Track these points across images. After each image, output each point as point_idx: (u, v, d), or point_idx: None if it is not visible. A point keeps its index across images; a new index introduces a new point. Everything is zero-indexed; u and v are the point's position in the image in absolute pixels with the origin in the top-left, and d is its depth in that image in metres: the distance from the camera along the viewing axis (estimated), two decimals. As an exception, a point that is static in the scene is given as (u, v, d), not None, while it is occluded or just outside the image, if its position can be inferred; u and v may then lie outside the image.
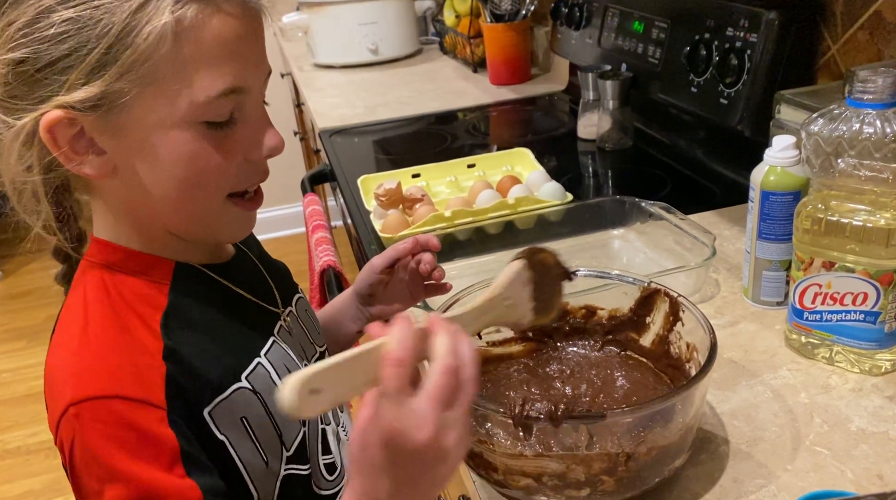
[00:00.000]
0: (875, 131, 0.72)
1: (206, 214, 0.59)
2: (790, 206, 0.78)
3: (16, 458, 2.14)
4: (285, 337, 0.67)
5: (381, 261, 0.80)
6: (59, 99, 0.52)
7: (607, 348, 0.75)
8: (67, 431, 0.53)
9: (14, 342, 2.62)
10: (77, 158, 0.55)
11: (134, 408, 0.53)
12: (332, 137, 1.66)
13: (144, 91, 0.52)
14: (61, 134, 0.53)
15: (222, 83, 0.54)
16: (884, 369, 0.73)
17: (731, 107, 1.11)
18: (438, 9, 2.35)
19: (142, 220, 0.60)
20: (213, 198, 0.59)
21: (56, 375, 0.55)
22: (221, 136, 0.56)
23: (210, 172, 0.57)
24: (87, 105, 0.52)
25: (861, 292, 0.70)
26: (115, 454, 0.52)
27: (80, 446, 0.52)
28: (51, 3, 0.50)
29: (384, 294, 0.81)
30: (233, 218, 0.61)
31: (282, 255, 0.79)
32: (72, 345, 0.56)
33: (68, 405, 0.52)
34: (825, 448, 0.65)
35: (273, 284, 0.70)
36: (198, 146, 0.55)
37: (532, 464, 0.58)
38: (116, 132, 0.54)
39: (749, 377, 0.74)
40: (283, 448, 0.62)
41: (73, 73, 0.51)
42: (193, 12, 0.52)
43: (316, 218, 1.38)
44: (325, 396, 0.43)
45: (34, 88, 0.52)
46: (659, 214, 1.00)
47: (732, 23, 1.10)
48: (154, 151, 0.55)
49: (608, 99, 1.37)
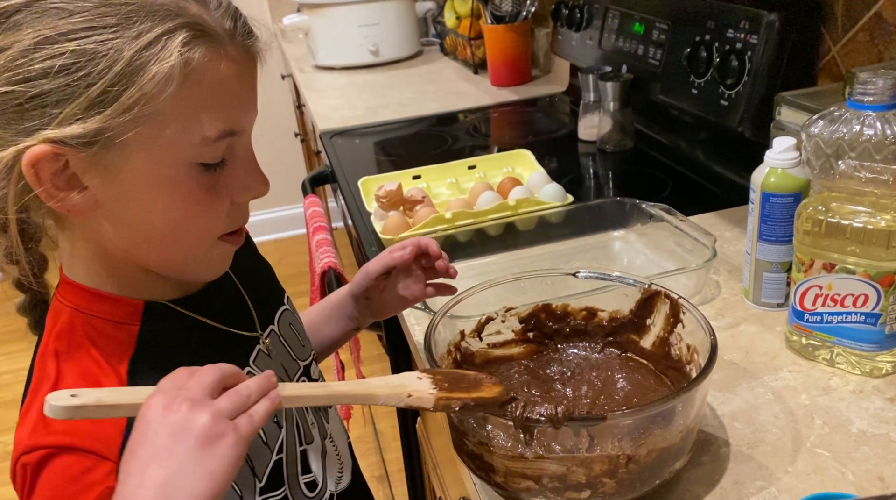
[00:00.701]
0: (875, 133, 0.72)
1: (192, 255, 0.59)
2: (791, 207, 0.78)
3: (17, 459, 2.14)
4: (263, 362, 0.66)
5: (376, 267, 0.79)
6: (48, 133, 0.50)
7: (608, 350, 0.75)
8: (19, 481, 0.53)
9: (14, 344, 2.61)
10: (58, 194, 0.52)
11: (81, 461, 0.52)
12: (333, 138, 1.66)
13: (143, 131, 0.51)
14: (45, 169, 0.51)
15: (220, 125, 0.54)
16: (884, 370, 0.73)
17: (731, 108, 1.11)
18: (439, 10, 2.36)
19: (115, 256, 0.58)
20: (203, 240, 0.58)
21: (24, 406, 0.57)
22: (213, 179, 0.55)
23: (201, 215, 0.56)
24: (80, 142, 0.50)
25: (861, 294, 0.70)
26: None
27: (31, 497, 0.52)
28: (52, 34, 0.49)
29: (379, 298, 0.81)
30: (216, 256, 0.60)
31: (282, 256, 0.79)
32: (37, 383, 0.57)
33: (25, 451, 0.53)
34: (826, 450, 0.65)
35: (252, 304, 0.69)
36: (191, 189, 0.54)
37: (532, 466, 0.58)
38: (105, 170, 0.52)
39: (750, 379, 0.74)
40: (256, 480, 0.61)
41: (67, 107, 0.49)
42: (201, 55, 0.51)
43: (317, 219, 1.38)
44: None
45: (20, 119, 0.50)
46: (659, 216, 1.00)
47: (733, 24, 1.10)
48: (146, 192, 0.54)
49: (609, 100, 1.37)
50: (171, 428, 0.46)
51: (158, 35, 0.50)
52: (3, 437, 2.21)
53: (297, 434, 0.68)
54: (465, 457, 0.63)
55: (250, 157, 0.59)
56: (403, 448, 1.23)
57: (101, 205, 0.54)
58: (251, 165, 0.58)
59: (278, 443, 0.64)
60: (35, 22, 0.49)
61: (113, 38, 0.49)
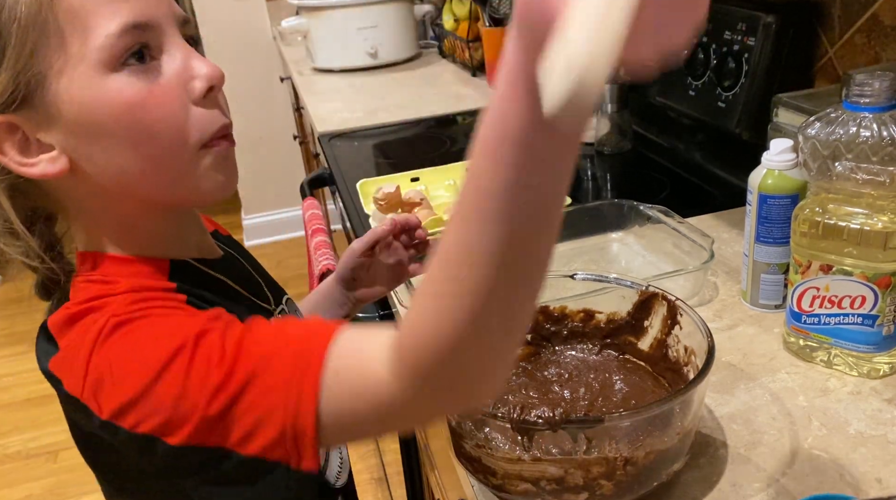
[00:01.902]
0: (872, 135, 0.72)
1: (181, 171, 0.55)
2: (788, 209, 0.78)
3: (16, 462, 2.14)
4: None
5: (360, 244, 0.80)
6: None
7: (606, 352, 0.75)
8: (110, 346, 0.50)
9: (14, 347, 2.61)
10: (28, 162, 0.52)
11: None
12: (332, 140, 1.66)
13: (48, 60, 0.49)
14: (3, 140, 0.51)
15: (119, 19, 0.50)
16: (882, 372, 0.73)
17: (728, 110, 1.11)
18: (437, 13, 2.36)
19: (123, 219, 0.57)
20: (179, 152, 0.54)
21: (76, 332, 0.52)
22: (148, 80, 0.52)
23: (157, 123, 0.52)
24: (8, 102, 0.49)
25: (859, 296, 0.70)
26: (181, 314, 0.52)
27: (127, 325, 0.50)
28: None
29: (366, 277, 0.82)
30: (210, 165, 0.56)
31: (281, 258, 0.80)
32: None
33: (106, 320, 0.50)
34: (824, 452, 0.65)
35: (263, 283, 0.70)
36: (129, 93, 0.51)
37: (530, 468, 0.58)
38: (51, 120, 0.51)
39: (747, 381, 0.74)
40: None
41: None
42: None
43: (315, 222, 1.38)
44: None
45: None
46: (657, 218, 1.00)
47: (730, 26, 1.10)
48: (92, 121, 0.51)
49: (606, 102, 1.37)
50: None
51: None
52: (4, 439, 2.21)
53: None
54: (464, 459, 0.63)
55: (185, 48, 0.55)
56: (402, 451, 1.23)
57: (74, 159, 0.52)
58: (189, 54, 0.54)
59: None
60: None
61: None
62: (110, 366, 0.49)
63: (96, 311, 0.52)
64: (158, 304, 0.53)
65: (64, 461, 2.10)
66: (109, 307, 0.52)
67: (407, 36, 2.27)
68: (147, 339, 0.50)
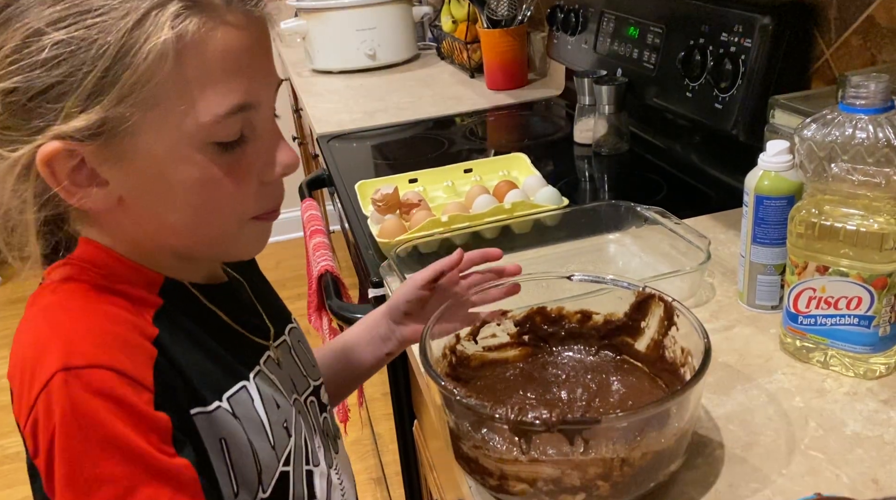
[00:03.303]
0: (868, 136, 0.72)
1: (225, 236, 0.56)
2: (784, 210, 0.78)
3: (15, 463, 2.13)
4: (272, 368, 0.63)
5: (424, 275, 0.74)
6: (56, 129, 0.48)
7: (602, 353, 0.76)
8: (52, 400, 0.47)
9: (12, 348, 2.61)
10: (79, 191, 0.50)
11: (125, 384, 0.48)
12: (330, 142, 1.67)
13: (147, 115, 0.49)
14: (60, 166, 0.49)
15: (230, 100, 0.50)
16: (878, 372, 0.73)
17: (725, 112, 1.11)
18: (436, 14, 2.36)
19: (143, 245, 0.56)
20: (231, 223, 0.56)
21: (29, 350, 0.50)
22: (233, 158, 0.53)
23: (225, 199, 0.53)
24: (86, 134, 0.48)
25: (855, 297, 0.71)
26: (114, 423, 0.47)
27: (70, 415, 0.47)
28: (40, 26, 0.46)
29: (420, 314, 0.77)
30: (251, 234, 0.58)
31: (280, 259, 0.79)
32: (50, 318, 0.51)
33: (55, 373, 0.47)
34: (820, 452, 0.65)
35: (265, 314, 0.66)
36: (209, 172, 0.52)
37: (527, 469, 0.58)
38: (120, 161, 0.50)
39: (744, 381, 0.75)
40: (260, 488, 0.58)
41: (68, 101, 0.47)
42: (195, 27, 0.48)
43: (313, 223, 1.38)
44: None
45: (28, 118, 0.48)
46: (654, 219, 1.00)
47: (727, 28, 1.11)
48: (163, 178, 0.51)
49: (604, 104, 1.37)
50: None
51: (147, 11, 0.47)
52: (3, 440, 2.21)
53: (305, 451, 0.64)
54: (461, 460, 0.63)
55: (274, 131, 0.55)
56: (400, 451, 1.23)
57: (126, 198, 0.52)
58: (275, 138, 0.55)
59: (286, 453, 0.61)
60: (23, 15, 0.47)
61: (100, 20, 0.47)
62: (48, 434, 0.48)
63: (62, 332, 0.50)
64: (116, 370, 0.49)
65: (62, 462, 2.10)
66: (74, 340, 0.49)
67: (405, 37, 2.28)
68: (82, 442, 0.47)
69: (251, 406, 0.58)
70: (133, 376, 0.49)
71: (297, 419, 0.64)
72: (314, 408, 0.69)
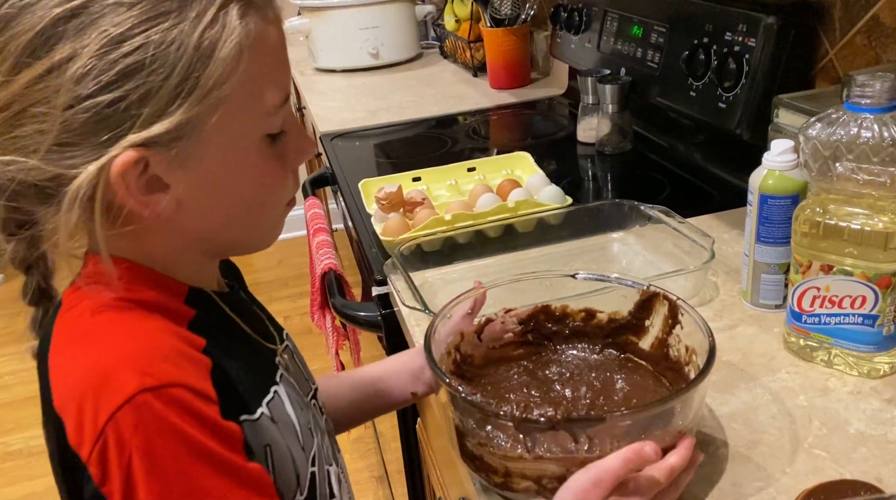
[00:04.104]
0: (873, 135, 0.72)
1: (269, 224, 0.58)
2: (788, 209, 0.78)
3: (17, 460, 2.14)
4: (286, 372, 0.63)
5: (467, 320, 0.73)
6: (132, 137, 0.46)
7: (607, 351, 0.76)
8: (130, 423, 0.45)
9: (16, 345, 2.61)
10: (144, 199, 0.49)
11: (198, 399, 0.47)
12: (334, 140, 1.67)
13: (217, 114, 0.49)
14: (131, 177, 0.48)
15: (282, 93, 0.52)
16: (882, 371, 0.73)
17: (729, 111, 1.11)
18: (439, 13, 2.36)
19: (169, 253, 0.54)
20: (275, 211, 0.58)
21: (89, 375, 0.47)
22: (277, 149, 0.54)
23: (275, 187, 0.56)
24: (166, 139, 0.47)
25: (859, 296, 0.71)
26: (199, 438, 0.46)
27: (156, 435, 0.45)
28: (117, 32, 0.45)
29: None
30: (280, 221, 0.60)
31: (282, 258, 0.79)
32: (101, 340, 0.49)
33: (131, 396, 0.45)
34: (824, 451, 0.65)
35: (266, 319, 0.66)
36: (266, 164, 0.54)
37: (532, 466, 0.58)
38: (186, 163, 0.49)
39: (748, 380, 0.75)
40: (298, 491, 0.59)
41: (148, 106, 0.46)
42: (255, 24, 0.49)
43: (317, 221, 1.38)
44: None
45: (98, 131, 0.46)
46: (658, 218, 1.00)
47: (731, 27, 1.11)
48: (226, 174, 0.52)
49: (607, 103, 1.37)
50: None
51: (216, 12, 0.48)
52: (2, 438, 2.22)
53: (324, 451, 0.65)
54: (466, 458, 0.63)
55: (296, 120, 0.57)
56: (403, 449, 1.23)
57: (183, 201, 0.51)
58: (298, 127, 0.57)
59: (312, 454, 0.61)
60: (97, 23, 0.46)
61: (176, 23, 0.46)
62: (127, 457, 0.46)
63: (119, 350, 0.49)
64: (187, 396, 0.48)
65: (65, 459, 2.11)
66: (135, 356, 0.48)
67: (408, 36, 2.28)
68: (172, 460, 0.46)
69: (284, 410, 0.58)
70: (201, 390, 0.49)
71: (315, 419, 0.65)
72: (317, 409, 0.69)
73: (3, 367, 2.51)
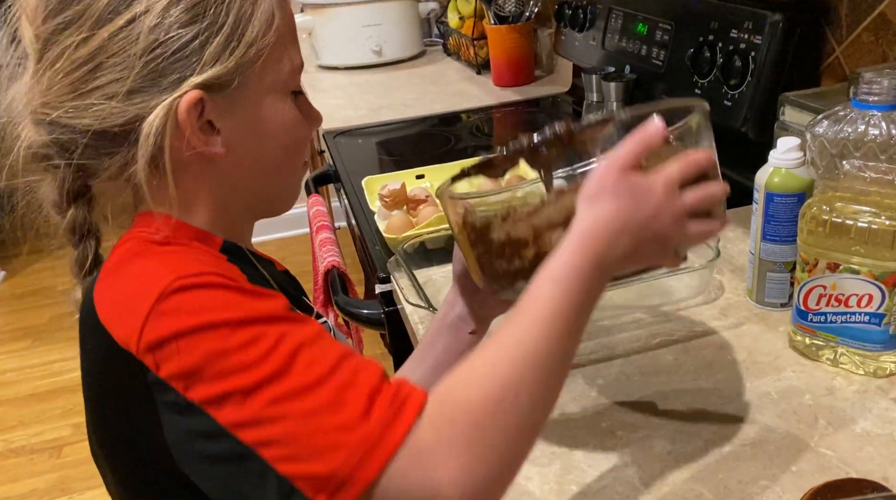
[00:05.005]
0: (880, 133, 0.72)
1: (292, 179, 0.64)
2: (795, 207, 0.78)
3: (20, 457, 2.14)
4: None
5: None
6: (193, 79, 0.53)
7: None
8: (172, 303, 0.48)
9: (18, 342, 2.62)
10: (203, 138, 0.55)
11: (234, 282, 0.51)
12: (337, 138, 1.67)
13: (256, 65, 0.55)
14: (193, 116, 0.54)
15: (299, 56, 0.59)
16: (888, 370, 0.73)
17: (735, 109, 1.11)
18: (442, 11, 2.36)
19: (219, 202, 0.59)
20: (301, 164, 0.64)
21: (134, 283, 0.52)
22: (300, 110, 0.61)
23: (304, 139, 0.62)
24: (220, 82, 0.54)
25: (866, 294, 0.70)
26: (241, 299, 0.49)
27: (199, 304, 0.48)
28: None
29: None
30: (300, 181, 0.65)
31: (286, 255, 0.79)
32: (147, 260, 0.54)
33: (169, 283, 0.49)
34: (830, 450, 0.65)
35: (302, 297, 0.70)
36: (295, 114, 0.60)
37: (556, 208, 0.56)
38: (233, 109, 0.56)
39: (753, 379, 0.74)
40: None
41: (206, 52, 0.53)
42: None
43: (320, 219, 1.38)
44: None
45: (161, 76, 0.53)
46: (663, 216, 1.00)
47: (736, 25, 1.10)
48: (266, 124, 0.58)
49: (611, 101, 1.37)
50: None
51: None
52: (5, 434, 2.22)
53: None
54: (491, 276, 0.61)
55: (305, 94, 0.63)
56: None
57: (231, 146, 0.57)
58: (307, 98, 0.63)
59: None
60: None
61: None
62: (175, 327, 0.48)
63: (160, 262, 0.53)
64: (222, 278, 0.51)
65: (68, 456, 2.11)
66: (174, 263, 0.52)
67: (412, 34, 2.27)
68: (215, 307, 0.49)
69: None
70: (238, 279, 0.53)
71: None
72: None
73: (5, 364, 2.52)
